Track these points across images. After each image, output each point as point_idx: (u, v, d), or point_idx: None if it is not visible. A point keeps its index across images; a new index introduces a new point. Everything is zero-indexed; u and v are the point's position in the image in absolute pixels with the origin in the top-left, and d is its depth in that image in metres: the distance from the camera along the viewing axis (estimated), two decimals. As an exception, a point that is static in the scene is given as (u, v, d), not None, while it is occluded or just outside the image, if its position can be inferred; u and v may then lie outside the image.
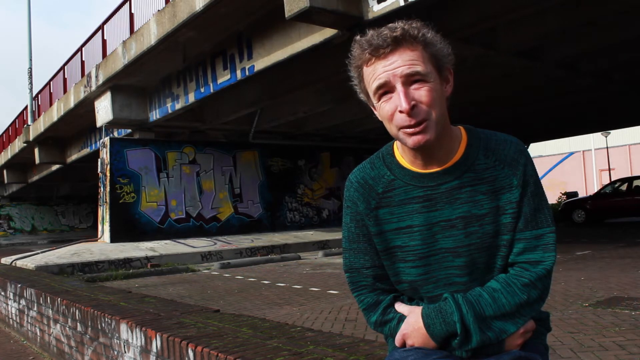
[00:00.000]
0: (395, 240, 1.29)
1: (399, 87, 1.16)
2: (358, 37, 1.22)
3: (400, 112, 1.16)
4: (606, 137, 28.08)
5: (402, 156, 1.30)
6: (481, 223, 1.24)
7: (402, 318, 1.28)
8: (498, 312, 1.20)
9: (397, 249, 1.30)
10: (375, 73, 1.18)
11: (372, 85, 1.20)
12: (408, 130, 1.17)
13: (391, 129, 1.22)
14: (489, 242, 1.24)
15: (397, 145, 1.32)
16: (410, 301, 1.34)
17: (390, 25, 1.20)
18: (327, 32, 7.89)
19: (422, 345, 1.22)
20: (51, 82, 19.14)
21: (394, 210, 1.29)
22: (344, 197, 1.39)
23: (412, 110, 1.15)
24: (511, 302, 1.20)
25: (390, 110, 1.18)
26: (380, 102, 1.20)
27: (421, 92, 1.16)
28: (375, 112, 1.28)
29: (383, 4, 7.03)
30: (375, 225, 1.31)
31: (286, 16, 7.24)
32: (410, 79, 1.16)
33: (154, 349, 2.54)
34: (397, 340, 1.26)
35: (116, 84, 12.92)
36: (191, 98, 11.90)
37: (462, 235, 1.24)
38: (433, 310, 1.22)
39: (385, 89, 1.18)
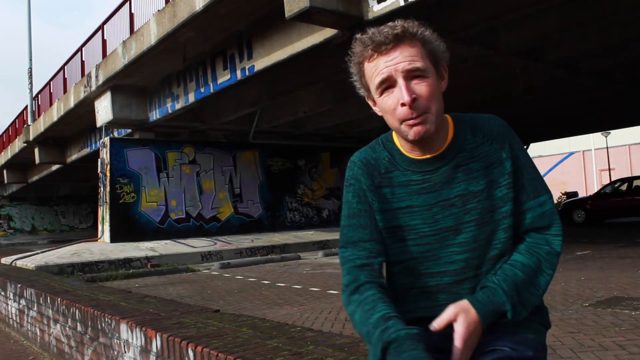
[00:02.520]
0: (397, 219, 1.33)
1: (401, 81, 1.22)
2: (359, 35, 1.28)
3: (402, 105, 1.22)
4: (606, 137, 28.08)
5: (400, 143, 1.35)
6: (479, 199, 1.30)
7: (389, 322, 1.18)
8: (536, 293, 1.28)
9: (398, 229, 1.34)
10: (378, 68, 1.24)
11: (374, 80, 1.26)
12: (409, 122, 1.23)
13: (393, 122, 1.27)
14: (487, 217, 1.30)
15: (395, 134, 1.37)
16: (395, 291, 1.36)
17: (390, 23, 1.25)
18: (327, 32, 7.88)
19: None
20: (51, 82, 19.14)
21: (394, 190, 1.34)
22: (345, 177, 1.41)
23: (413, 103, 1.21)
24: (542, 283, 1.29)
25: (393, 104, 1.24)
26: (382, 96, 1.26)
27: (421, 87, 1.23)
28: (374, 108, 1.34)
29: (383, 4, 7.03)
30: (379, 202, 1.35)
31: (286, 16, 7.24)
32: (410, 74, 1.22)
33: (154, 349, 2.54)
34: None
35: (116, 84, 12.91)
36: (191, 98, 11.90)
37: (461, 212, 1.30)
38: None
39: (388, 83, 1.24)
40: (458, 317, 1.20)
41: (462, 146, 1.31)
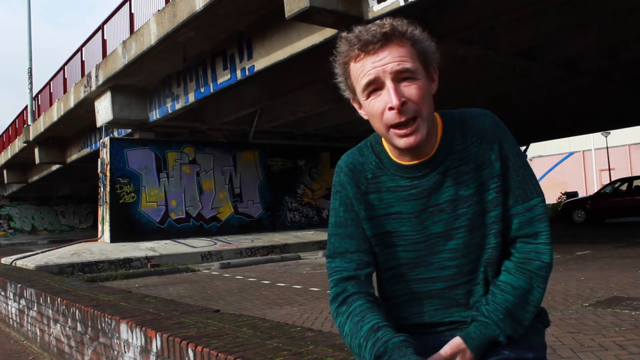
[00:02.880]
0: (385, 225, 1.29)
1: (389, 83, 1.15)
2: (344, 34, 1.21)
3: (390, 108, 1.15)
4: (606, 137, 28.09)
5: (389, 148, 1.29)
6: (469, 204, 1.24)
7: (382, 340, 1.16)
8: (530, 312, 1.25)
9: (386, 235, 1.29)
10: (365, 69, 1.17)
11: (360, 81, 1.18)
12: (399, 130, 1.17)
13: (380, 127, 1.20)
14: (478, 222, 1.25)
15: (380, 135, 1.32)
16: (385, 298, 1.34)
17: (378, 21, 1.19)
18: (327, 32, 7.89)
19: None
20: (51, 82, 19.14)
21: (382, 196, 1.29)
22: (332, 182, 1.37)
23: (402, 107, 1.14)
24: (536, 299, 1.25)
25: (380, 107, 1.17)
26: (369, 99, 1.19)
27: (411, 90, 1.16)
28: (360, 111, 1.27)
29: (383, 4, 7.03)
30: (365, 210, 1.30)
31: (286, 16, 7.24)
32: (399, 76, 1.15)
33: (154, 349, 2.54)
34: None
35: (116, 84, 12.91)
36: (191, 98, 11.90)
37: (451, 218, 1.25)
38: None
39: (375, 85, 1.17)
40: (454, 358, 1.19)
41: (451, 148, 1.25)
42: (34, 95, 21.59)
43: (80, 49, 15.54)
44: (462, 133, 1.26)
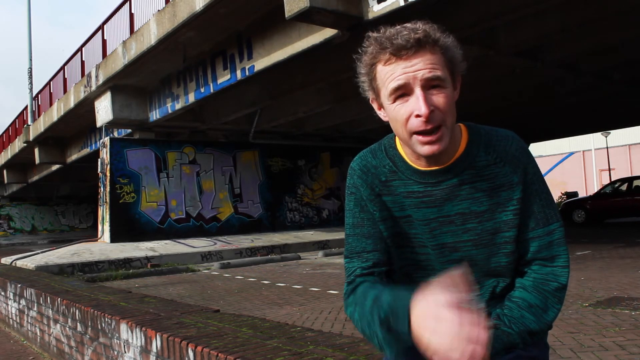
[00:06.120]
0: (397, 227, 1.31)
1: (418, 91, 1.14)
2: (374, 34, 1.19)
3: (417, 116, 1.14)
4: (606, 137, 28.10)
5: (404, 151, 1.29)
6: (480, 220, 1.25)
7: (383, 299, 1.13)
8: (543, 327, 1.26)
9: (399, 236, 1.31)
10: (395, 74, 1.15)
11: (388, 85, 1.16)
12: (423, 137, 1.16)
13: (402, 132, 1.19)
14: (487, 239, 1.25)
15: (399, 139, 1.31)
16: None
17: (409, 25, 1.17)
18: (327, 32, 7.88)
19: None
20: (51, 82, 19.14)
21: (396, 199, 1.30)
22: (346, 184, 1.37)
23: (429, 115, 1.14)
24: (547, 319, 1.25)
25: (406, 113, 1.16)
26: (394, 103, 1.17)
27: (439, 98, 1.15)
28: (379, 112, 1.26)
29: (383, 4, 7.03)
30: (380, 211, 1.31)
31: (286, 16, 7.24)
32: (429, 83, 1.14)
33: (154, 349, 2.54)
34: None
35: (116, 84, 12.91)
36: (191, 98, 11.90)
37: (460, 231, 1.26)
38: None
39: (403, 90, 1.15)
40: None
41: (472, 163, 1.24)
42: (34, 95, 21.59)
43: (80, 49, 15.54)
44: (486, 151, 1.25)
